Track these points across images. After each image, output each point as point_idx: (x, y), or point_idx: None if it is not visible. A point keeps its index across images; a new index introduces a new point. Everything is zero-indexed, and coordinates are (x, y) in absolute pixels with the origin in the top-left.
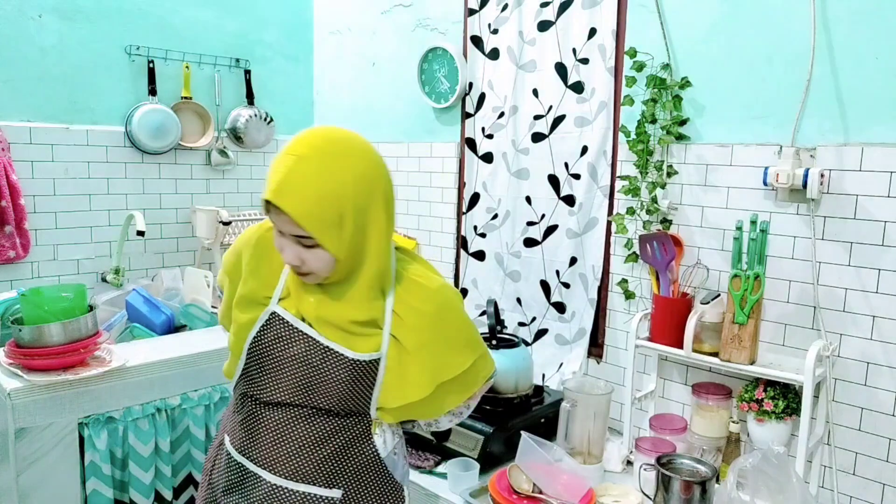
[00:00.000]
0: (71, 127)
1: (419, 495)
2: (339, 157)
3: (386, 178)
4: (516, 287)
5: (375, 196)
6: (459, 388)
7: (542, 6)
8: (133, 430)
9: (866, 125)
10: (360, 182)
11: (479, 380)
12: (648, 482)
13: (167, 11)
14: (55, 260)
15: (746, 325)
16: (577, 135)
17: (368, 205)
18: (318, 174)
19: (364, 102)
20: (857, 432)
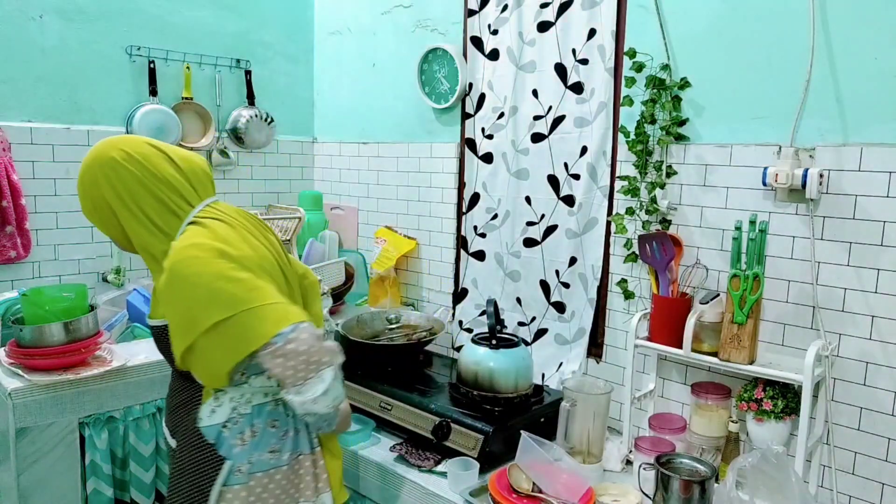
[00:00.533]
0: (72, 127)
1: (419, 494)
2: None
3: (97, 181)
4: (516, 287)
5: (98, 193)
6: (226, 346)
7: (542, 7)
8: (134, 430)
9: (865, 125)
10: (80, 187)
11: (254, 338)
12: (648, 481)
13: (168, 12)
14: (56, 260)
15: (745, 324)
16: (576, 135)
17: (100, 197)
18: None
19: (364, 103)
20: (857, 432)
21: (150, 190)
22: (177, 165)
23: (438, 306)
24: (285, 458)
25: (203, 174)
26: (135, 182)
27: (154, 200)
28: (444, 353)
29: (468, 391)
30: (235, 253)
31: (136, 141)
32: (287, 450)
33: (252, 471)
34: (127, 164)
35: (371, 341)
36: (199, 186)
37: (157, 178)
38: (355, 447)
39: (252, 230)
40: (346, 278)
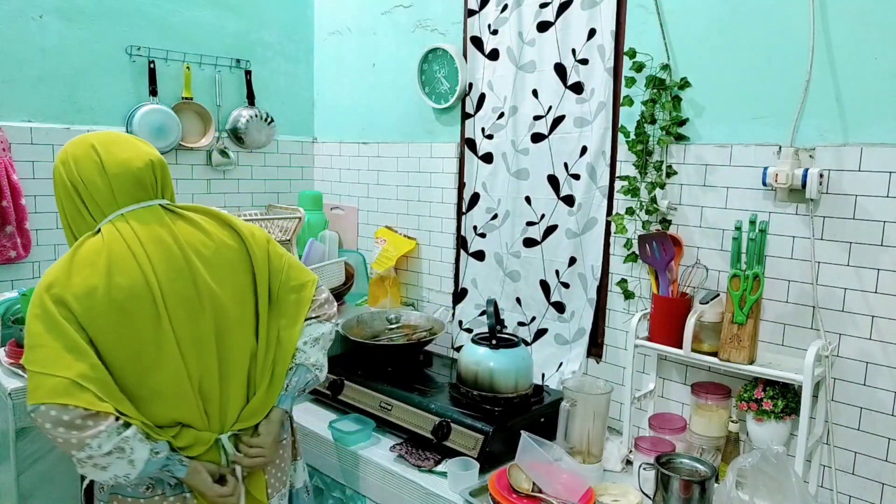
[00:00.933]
0: (72, 127)
1: (419, 494)
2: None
3: (57, 173)
4: (515, 287)
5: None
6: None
7: (542, 7)
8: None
9: (865, 125)
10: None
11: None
12: (648, 481)
13: (168, 12)
14: (56, 260)
15: (745, 324)
16: (576, 135)
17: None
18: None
19: (364, 103)
20: (856, 432)
21: (69, 194)
22: (104, 172)
23: (438, 306)
24: (141, 490)
25: (132, 182)
26: (61, 184)
27: (70, 204)
28: (444, 353)
29: (468, 391)
30: (58, 290)
31: (80, 143)
32: (143, 484)
33: (113, 492)
34: (61, 167)
35: (371, 341)
36: (122, 195)
37: (78, 184)
38: (355, 447)
39: (138, 250)
40: (346, 278)
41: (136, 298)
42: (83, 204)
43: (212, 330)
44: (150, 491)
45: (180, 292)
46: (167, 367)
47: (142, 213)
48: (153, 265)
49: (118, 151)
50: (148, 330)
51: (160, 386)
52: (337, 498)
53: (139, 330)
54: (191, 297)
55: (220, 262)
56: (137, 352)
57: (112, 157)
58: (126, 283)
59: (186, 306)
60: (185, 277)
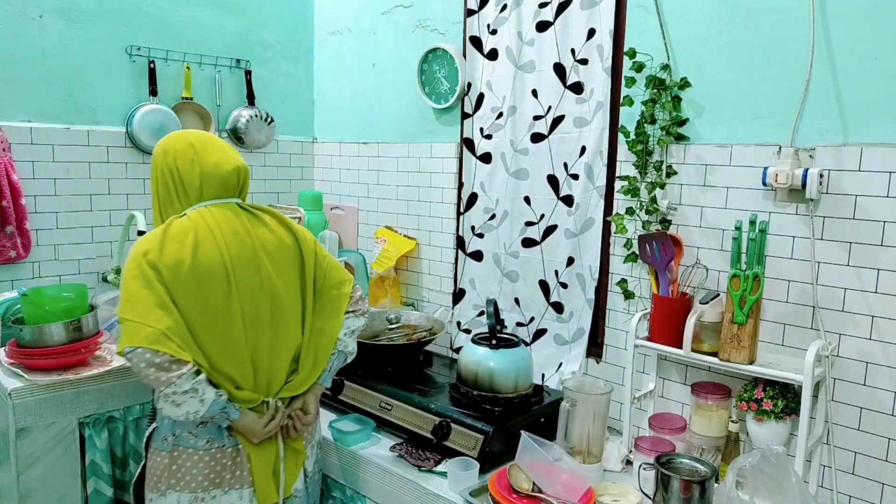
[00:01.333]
0: (72, 127)
1: (419, 494)
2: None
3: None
4: (514, 287)
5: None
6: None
7: (541, 6)
8: (133, 430)
9: (865, 125)
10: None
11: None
12: (648, 481)
13: (168, 12)
14: (56, 260)
15: (745, 324)
16: (576, 135)
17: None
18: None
19: (364, 103)
20: (856, 432)
21: (165, 180)
22: (197, 169)
23: (438, 306)
24: (202, 444)
25: (219, 182)
26: (159, 170)
27: (164, 188)
28: (444, 353)
29: (468, 391)
30: (153, 257)
31: (181, 138)
32: (204, 437)
33: (175, 443)
34: (162, 156)
35: (371, 341)
36: (208, 190)
37: (174, 174)
38: (355, 447)
39: (219, 236)
40: None
41: (213, 275)
42: (175, 191)
43: (268, 312)
44: (208, 444)
45: (247, 277)
46: (229, 334)
47: (222, 207)
48: (229, 250)
49: (211, 154)
50: (219, 302)
51: (222, 348)
52: (337, 498)
53: (213, 300)
54: (254, 283)
55: (279, 257)
56: (209, 318)
57: (206, 158)
58: (207, 261)
59: (250, 289)
60: (252, 265)
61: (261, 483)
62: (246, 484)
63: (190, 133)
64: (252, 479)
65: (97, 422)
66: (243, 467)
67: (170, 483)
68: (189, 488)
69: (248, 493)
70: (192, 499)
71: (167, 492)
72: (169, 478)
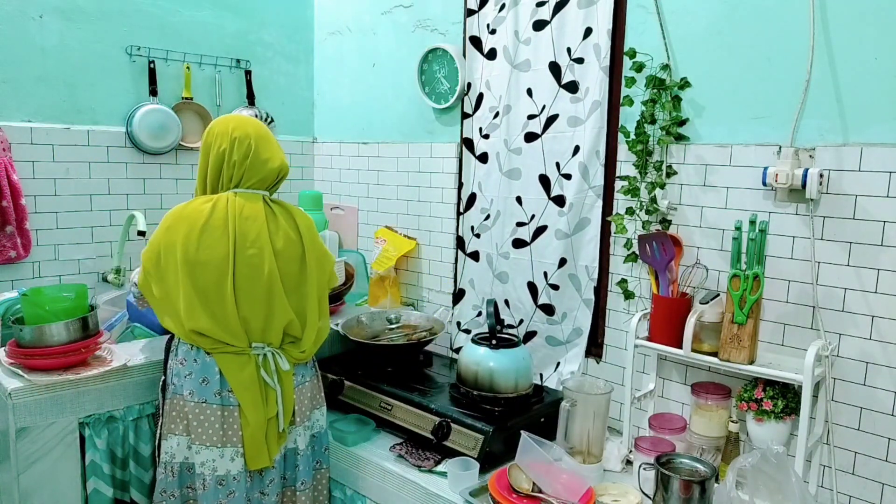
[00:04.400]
0: (72, 127)
1: (419, 494)
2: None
3: (211, 134)
4: (504, 289)
5: (206, 142)
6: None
7: (538, 5)
8: (133, 430)
9: (865, 125)
10: (207, 132)
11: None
12: (648, 481)
13: (168, 12)
14: (56, 260)
15: (745, 324)
16: (569, 135)
17: (204, 145)
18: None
19: (364, 103)
20: (857, 432)
21: (220, 158)
22: (249, 160)
23: (438, 306)
24: (186, 395)
25: (260, 176)
26: (219, 148)
27: (217, 164)
28: (444, 353)
29: (468, 391)
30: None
31: (243, 127)
32: (188, 388)
33: (174, 391)
34: (225, 137)
35: (371, 341)
36: (248, 180)
37: (230, 157)
38: (355, 447)
39: (224, 227)
40: (346, 278)
41: (211, 263)
42: (223, 174)
43: (265, 287)
44: (191, 396)
45: (249, 260)
46: (222, 307)
47: (248, 195)
48: (236, 235)
49: (264, 150)
50: (212, 281)
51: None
52: (337, 498)
53: (207, 279)
54: (257, 265)
55: (287, 254)
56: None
57: (258, 153)
58: (207, 244)
59: (251, 270)
60: (256, 249)
61: (251, 445)
62: (229, 445)
63: (251, 123)
64: (240, 442)
65: (97, 422)
66: (230, 429)
67: (169, 427)
68: (185, 433)
69: (229, 452)
70: (188, 442)
71: (167, 435)
72: (168, 423)
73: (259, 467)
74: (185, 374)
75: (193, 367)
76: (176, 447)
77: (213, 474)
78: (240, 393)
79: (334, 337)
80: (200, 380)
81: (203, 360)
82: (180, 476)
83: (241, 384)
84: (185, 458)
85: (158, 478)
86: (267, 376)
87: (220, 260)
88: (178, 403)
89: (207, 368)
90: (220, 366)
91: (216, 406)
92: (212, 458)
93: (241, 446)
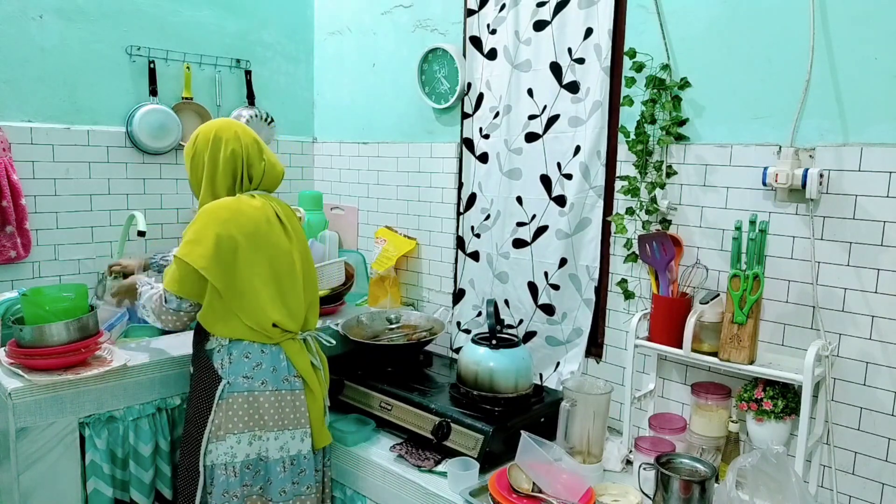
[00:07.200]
0: (72, 127)
1: (419, 494)
2: (206, 125)
3: (208, 138)
4: (504, 289)
5: (203, 147)
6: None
7: (539, 6)
8: (133, 430)
9: (865, 125)
10: (198, 135)
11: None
12: (648, 481)
13: (168, 12)
14: (56, 260)
15: (745, 324)
16: (570, 135)
17: (201, 151)
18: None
19: (364, 103)
20: (857, 432)
21: (232, 161)
22: (263, 163)
23: (438, 306)
24: (257, 385)
25: (271, 178)
26: (228, 151)
27: (229, 169)
28: (444, 353)
29: (468, 391)
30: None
31: (245, 130)
32: (258, 379)
33: (230, 391)
34: (233, 139)
35: (371, 341)
36: (266, 182)
37: (244, 160)
38: (355, 447)
39: (277, 220)
40: (346, 278)
41: (259, 247)
42: (240, 175)
43: (310, 273)
44: (263, 385)
45: (297, 249)
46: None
47: (268, 196)
48: (285, 220)
49: (269, 154)
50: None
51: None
52: (337, 498)
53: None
54: (299, 256)
55: (303, 245)
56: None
57: (268, 156)
58: (230, 233)
59: (302, 259)
60: (281, 248)
61: (317, 424)
62: (300, 426)
63: (245, 128)
64: (308, 423)
65: (97, 422)
66: (299, 413)
67: (227, 428)
68: (248, 428)
69: (299, 434)
70: (250, 438)
71: (225, 437)
72: (224, 424)
73: (323, 445)
74: (253, 366)
75: (261, 357)
76: (237, 445)
77: (288, 455)
78: (307, 376)
79: (334, 337)
80: (271, 369)
81: (270, 350)
82: (242, 474)
83: (305, 368)
84: (246, 455)
85: (218, 480)
86: (314, 358)
87: (286, 251)
88: (238, 401)
89: (275, 357)
90: (287, 352)
91: (286, 391)
92: (286, 441)
93: (309, 426)
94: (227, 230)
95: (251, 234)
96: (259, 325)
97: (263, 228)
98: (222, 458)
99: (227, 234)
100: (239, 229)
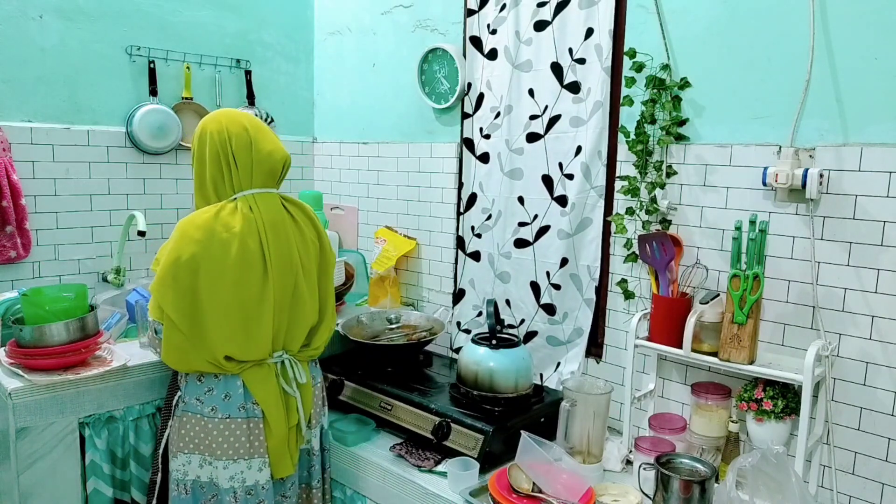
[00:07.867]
0: (72, 127)
1: (419, 494)
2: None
3: (201, 135)
4: (505, 288)
5: (196, 144)
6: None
7: (539, 6)
8: (134, 430)
9: (865, 125)
10: (195, 134)
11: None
12: (648, 481)
13: (168, 12)
14: (56, 260)
15: (745, 324)
16: (572, 135)
17: (196, 148)
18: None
19: (364, 103)
20: (857, 432)
21: (218, 160)
22: (252, 154)
23: (438, 306)
24: (206, 410)
25: (268, 170)
26: (213, 149)
27: (217, 168)
28: (444, 353)
29: (468, 391)
30: (194, 236)
31: (235, 120)
32: (208, 405)
33: (184, 409)
34: (216, 135)
35: (371, 341)
36: (258, 177)
37: (229, 155)
38: (355, 447)
39: (261, 230)
40: (346, 278)
41: (251, 266)
42: (228, 173)
43: (290, 296)
44: (213, 412)
45: (281, 268)
46: (258, 318)
47: (266, 197)
48: (269, 245)
49: (264, 141)
50: (254, 290)
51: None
52: (337, 498)
53: (247, 289)
54: (285, 271)
55: (308, 256)
56: (238, 303)
57: (260, 145)
58: (249, 254)
59: (281, 276)
60: (286, 258)
61: (275, 455)
62: (255, 456)
63: (241, 116)
64: (265, 452)
65: (97, 422)
66: (255, 442)
67: (178, 446)
68: (198, 451)
69: (257, 463)
70: (201, 461)
71: (177, 454)
72: (178, 441)
73: (284, 475)
74: (204, 391)
75: (214, 383)
76: (188, 465)
77: (242, 486)
78: (265, 405)
79: (334, 337)
80: (223, 396)
81: (224, 377)
82: (194, 493)
83: (265, 396)
84: (197, 476)
85: (171, 495)
86: (286, 385)
87: (259, 277)
88: (191, 422)
89: (229, 384)
90: (245, 380)
91: (241, 420)
92: (240, 471)
93: (268, 456)
94: (189, 252)
95: (218, 258)
96: (212, 358)
97: (235, 253)
98: (174, 474)
99: (190, 256)
100: (205, 252)
